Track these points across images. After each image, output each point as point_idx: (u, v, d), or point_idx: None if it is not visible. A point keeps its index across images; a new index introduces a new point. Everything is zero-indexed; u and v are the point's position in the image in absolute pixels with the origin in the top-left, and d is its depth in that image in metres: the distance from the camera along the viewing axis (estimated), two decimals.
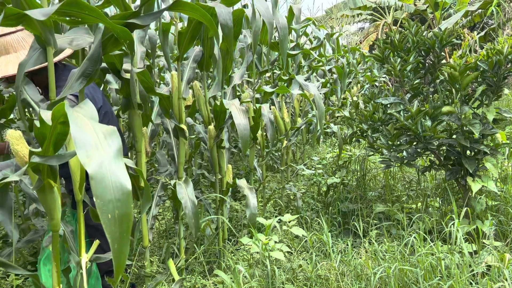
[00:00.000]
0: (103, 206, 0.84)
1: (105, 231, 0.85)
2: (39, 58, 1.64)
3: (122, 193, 0.87)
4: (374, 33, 15.99)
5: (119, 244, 0.86)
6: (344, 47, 7.56)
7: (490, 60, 2.78)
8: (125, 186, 0.88)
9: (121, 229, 0.86)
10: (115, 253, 0.87)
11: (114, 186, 0.86)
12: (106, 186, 0.85)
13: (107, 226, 0.84)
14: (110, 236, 0.84)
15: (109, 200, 0.85)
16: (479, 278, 2.33)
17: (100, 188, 0.85)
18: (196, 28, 2.21)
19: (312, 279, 2.43)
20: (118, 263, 0.88)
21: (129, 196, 0.88)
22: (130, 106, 2.13)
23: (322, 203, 4.10)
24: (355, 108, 3.73)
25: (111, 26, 1.54)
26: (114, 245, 0.85)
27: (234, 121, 2.48)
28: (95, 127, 0.92)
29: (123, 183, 0.88)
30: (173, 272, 2.28)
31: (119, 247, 0.86)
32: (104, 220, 0.84)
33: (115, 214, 0.85)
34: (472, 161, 2.89)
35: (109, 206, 0.85)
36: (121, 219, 0.86)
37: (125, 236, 0.86)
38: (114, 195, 0.86)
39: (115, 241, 0.85)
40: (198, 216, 2.33)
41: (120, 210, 0.86)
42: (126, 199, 0.87)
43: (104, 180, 0.86)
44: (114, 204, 0.85)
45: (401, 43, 3.28)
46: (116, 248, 0.86)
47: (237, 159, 5.69)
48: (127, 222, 0.87)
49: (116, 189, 0.86)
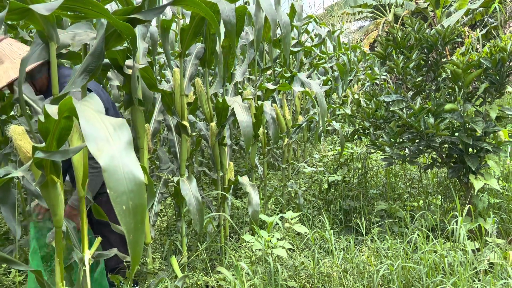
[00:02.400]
0: (117, 197, 0.84)
1: (120, 222, 0.85)
2: (41, 54, 1.64)
3: (135, 184, 0.87)
4: (374, 31, 15.97)
5: (135, 235, 0.86)
6: (345, 45, 7.55)
7: (493, 57, 2.77)
8: (138, 177, 0.88)
9: (136, 220, 0.86)
10: (131, 243, 0.87)
11: (126, 177, 0.86)
12: (119, 178, 0.85)
13: (122, 217, 0.84)
14: (125, 227, 0.84)
15: (123, 191, 0.85)
16: (482, 276, 2.32)
17: (113, 180, 0.85)
18: (198, 25, 2.20)
19: (314, 276, 2.42)
20: (134, 253, 0.89)
21: (142, 187, 0.88)
22: (132, 103, 2.12)
23: (323, 200, 4.09)
24: (357, 106, 3.72)
25: (114, 21, 1.53)
26: (130, 236, 0.85)
27: (237, 118, 2.47)
28: (104, 119, 0.92)
29: (135, 174, 0.88)
30: (176, 269, 2.27)
31: (135, 237, 0.87)
32: (119, 212, 0.85)
33: (129, 205, 0.85)
34: (474, 158, 2.89)
35: (123, 197, 0.85)
36: (135, 210, 0.86)
37: (140, 226, 0.87)
38: (127, 187, 0.86)
39: (130, 232, 0.86)
40: (203, 213, 2.32)
41: (134, 201, 0.86)
42: (139, 189, 0.87)
43: (117, 172, 0.86)
44: (128, 195, 0.85)
45: (403, 41, 3.27)
46: (132, 239, 0.87)
47: (238, 156, 5.69)
48: (141, 213, 0.87)
49: (129, 180, 0.87)
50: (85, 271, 1.63)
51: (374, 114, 3.32)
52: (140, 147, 2.17)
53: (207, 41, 2.54)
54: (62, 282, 1.56)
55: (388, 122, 3.28)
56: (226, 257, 2.72)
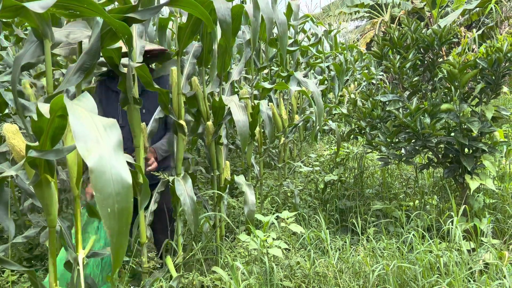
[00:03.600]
0: (103, 200, 0.83)
1: (104, 225, 0.84)
2: (36, 51, 1.62)
3: (122, 186, 0.86)
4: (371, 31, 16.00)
5: (118, 238, 0.85)
6: (342, 45, 7.55)
7: (490, 57, 2.78)
8: (125, 180, 0.87)
9: (120, 223, 0.85)
10: (114, 247, 0.86)
11: (114, 179, 0.85)
12: (107, 179, 0.84)
13: (106, 220, 0.83)
14: (109, 230, 0.83)
15: (109, 194, 0.84)
16: (477, 276, 2.33)
17: (100, 181, 0.83)
18: (196, 23, 2.19)
19: (310, 276, 2.42)
20: (116, 256, 0.88)
21: (129, 190, 0.86)
22: (128, 101, 2.11)
23: (319, 200, 4.09)
24: (353, 106, 3.72)
25: (109, 20, 1.52)
26: (113, 239, 0.84)
27: (233, 117, 2.46)
28: (95, 119, 0.91)
29: (123, 176, 0.87)
30: (171, 268, 2.26)
31: (118, 241, 0.86)
32: (104, 214, 0.83)
33: (114, 208, 0.84)
34: (470, 158, 2.89)
35: (109, 200, 0.84)
36: (120, 213, 0.85)
37: (124, 230, 0.86)
38: (114, 189, 0.84)
39: (114, 235, 0.84)
40: (197, 213, 2.31)
41: (120, 204, 0.85)
42: (126, 193, 0.86)
43: (105, 174, 0.84)
44: (114, 198, 0.84)
45: (400, 40, 3.27)
46: (115, 241, 0.86)
47: (234, 156, 5.68)
48: (126, 216, 0.86)
49: (116, 183, 0.85)
50: (79, 270, 1.62)
51: (371, 113, 3.32)
52: (136, 146, 2.16)
53: (204, 40, 2.53)
54: (56, 282, 1.55)
55: (384, 122, 3.28)
56: (221, 256, 2.71)
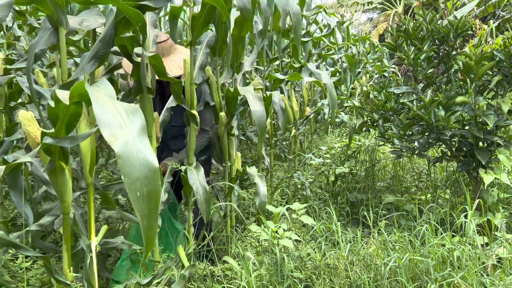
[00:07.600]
0: (131, 184, 0.84)
1: (134, 208, 0.85)
2: (49, 38, 1.62)
3: (149, 170, 0.87)
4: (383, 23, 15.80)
5: (148, 221, 0.87)
6: (354, 36, 7.47)
7: (507, 49, 2.72)
8: (152, 163, 0.87)
9: (150, 206, 0.86)
10: (145, 229, 0.88)
11: (140, 163, 0.86)
12: (133, 164, 0.85)
13: (136, 204, 0.84)
14: (139, 213, 0.84)
15: (137, 178, 0.85)
16: (491, 271, 2.30)
17: (127, 166, 0.84)
18: (210, 13, 2.17)
19: (320, 267, 2.42)
20: (148, 239, 0.89)
21: (156, 173, 0.88)
22: (141, 91, 2.11)
23: (330, 193, 4.07)
24: (366, 98, 3.68)
25: (123, 7, 1.51)
26: (144, 222, 0.86)
27: (250, 108, 2.44)
28: (116, 105, 0.91)
29: (149, 160, 0.87)
30: (183, 258, 2.27)
31: (148, 223, 0.87)
32: (133, 198, 0.85)
33: (143, 191, 0.85)
34: (484, 152, 2.85)
35: (137, 184, 0.85)
36: (149, 196, 0.86)
37: (154, 212, 0.87)
38: (141, 173, 0.85)
39: (144, 218, 0.86)
40: (210, 202, 2.31)
41: (148, 188, 0.86)
42: (153, 176, 0.87)
43: (131, 158, 0.85)
44: (142, 182, 0.85)
45: (415, 32, 3.22)
46: (146, 224, 0.87)
47: (244, 147, 5.67)
48: (155, 199, 0.87)
49: (143, 167, 0.86)
50: (92, 257, 1.64)
51: (384, 106, 3.28)
52: (148, 135, 2.16)
53: (219, 29, 2.50)
54: (69, 269, 1.56)
55: (397, 114, 3.24)
56: (232, 247, 2.72)
